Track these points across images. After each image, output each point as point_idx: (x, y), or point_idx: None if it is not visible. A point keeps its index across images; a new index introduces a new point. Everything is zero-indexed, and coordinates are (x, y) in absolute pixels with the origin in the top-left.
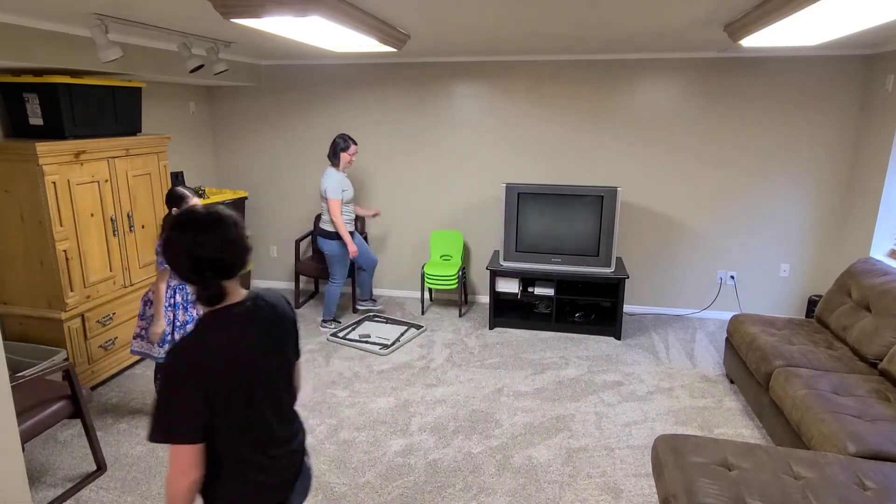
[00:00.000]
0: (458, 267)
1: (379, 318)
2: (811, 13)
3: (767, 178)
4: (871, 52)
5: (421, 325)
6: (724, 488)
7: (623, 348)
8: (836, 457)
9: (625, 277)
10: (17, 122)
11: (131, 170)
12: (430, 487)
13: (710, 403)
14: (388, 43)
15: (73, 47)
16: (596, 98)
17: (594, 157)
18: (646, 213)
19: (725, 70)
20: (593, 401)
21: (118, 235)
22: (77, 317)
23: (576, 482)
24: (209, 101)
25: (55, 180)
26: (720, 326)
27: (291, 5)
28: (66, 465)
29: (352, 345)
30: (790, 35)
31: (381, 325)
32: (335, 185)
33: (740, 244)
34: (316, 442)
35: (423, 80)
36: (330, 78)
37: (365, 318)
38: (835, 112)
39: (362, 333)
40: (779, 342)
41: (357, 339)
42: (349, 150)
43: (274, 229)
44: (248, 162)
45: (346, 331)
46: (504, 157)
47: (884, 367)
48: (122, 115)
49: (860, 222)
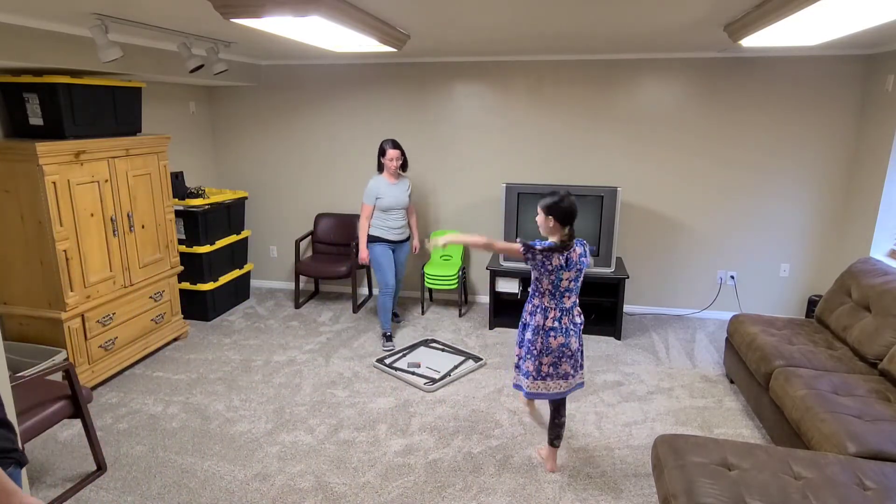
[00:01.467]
0: (457, 267)
1: (436, 344)
2: (811, 13)
3: (767, 177)
4: (871, 52)
5: (480, 358)
6: (724, 488)
7: (623, 348)
8: (836, 457)
9: (625, 277)
10: (17, 122)
11: (131, 170)
12: (430, 487)
13: (710, 403)
14: (388, 43)
15: (73, 47)
16: (596, 98)
17: (594, 157)
18: (646, 213)
19: (725, 70)
20: (593, 401)
21: (118, 235)
22: (77, 317)
23: (576, 482)
24: (209, 101)
25: (55, 180)
26: (720, 326)
27: (291, 5)
28: (66, 465)
29: (396, 374)
30: (790, 35)
31: (436, 352)
32: (368, 189)
33: (740, 244)
34: (316, 442)
35: (423, 80)
36: (330, 78)
37: (421, 343)
38: (835, 112)
39: (412, 362)
40: (779, 342)
41: (405, 368)
42: (385, 154)
43: (274, 229)
44: (248, 162)
45: (396, 357)
46: (504, 157)
47: (884, 367)
48: (122, 115)
49: (860, 222)
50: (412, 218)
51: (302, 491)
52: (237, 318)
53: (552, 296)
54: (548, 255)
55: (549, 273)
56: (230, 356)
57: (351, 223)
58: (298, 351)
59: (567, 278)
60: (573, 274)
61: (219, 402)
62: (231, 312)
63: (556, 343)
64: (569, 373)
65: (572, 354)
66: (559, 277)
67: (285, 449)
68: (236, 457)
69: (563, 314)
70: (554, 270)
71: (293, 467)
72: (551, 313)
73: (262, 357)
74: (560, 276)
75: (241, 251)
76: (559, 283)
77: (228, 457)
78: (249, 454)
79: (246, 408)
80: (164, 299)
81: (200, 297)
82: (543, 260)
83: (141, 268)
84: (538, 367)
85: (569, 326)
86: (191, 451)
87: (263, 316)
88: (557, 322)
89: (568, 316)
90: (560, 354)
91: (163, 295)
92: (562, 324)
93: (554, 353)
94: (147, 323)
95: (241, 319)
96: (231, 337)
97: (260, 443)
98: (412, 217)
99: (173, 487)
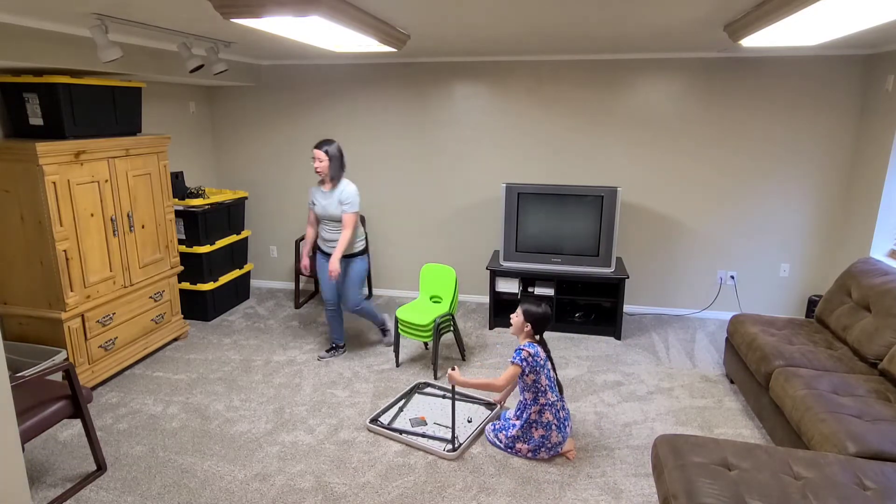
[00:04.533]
0: (439, 314)
1: (432, 388)
2: (811, 13)
3: (767, 177)
4: (871, 52)
5: (494, 406)
6: (724, 488)
7: (623, 348)
8: (836, 457)
9: (625, 277)
10: (17, 122)
11: (131, 170)
12: (430, 487)
13: (710, 403)
14: (388, 43)
15: (73, 47)
16: (596, 98)
17: (594, 157)
18: (646, 213)
19: (725, 70)
20: (593, 401)
21: (118, 235)
22: (77, 317)
23: (576, 482)
24: (209, 101)
25: (55, 180)
26: (720, 326)
27: (291, 5)
28: (66, 465)
29: (403, 440)
30: (790, 35)
31: (436, 400)
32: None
33: (740, 244)
34: (316, 442)
35: (423, 80)
36: (330, 78)
37: (415, 389)
38: (835, 112)
39: (414, 419)
40: (779, 342)
41: (409, 429)
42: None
43: (274, 229)
44: (248, 162)
45: (391, 413)
46: (504, 157)
47: (884, 367)
48: (122, 115)
49: (860, 222)
50: (344, 232)
51: (302, 491)
52: (237, 318)
53: (552, 390)
54: (537, 353)
55: (543, 368)
56: (230, 356)
57: None
58: (298, 351)
59: (549, 369)
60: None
61: (219, 402)
62: (231, 312)
63: (555, 439)
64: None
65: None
66: (548, 369)
67: (285, 449)
68: (236, 457)
69: (563, 408)
70: (545, 364)
71: (293, 467)
72: (556, 410)
73: (262, 357)
74: (547, 368)
75: (241, 251)
76: (549, 375)
77: (228, 457)
78: (249, 454)
79: (246, 408)
80: (164, 299)
81: (200, 297)
82: (537, 357)
83: (141, 268)
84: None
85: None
86: (191, 451)
87: (263, 316)
88: (557, 419)
89: (564, 410)
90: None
91: (163, 295)
92: (559, 418)
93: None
94: (147, 323)
95: (241, 319)
96: (231, 337)
97: (260, 443)
98: (344, 231)
99: (173, 487)
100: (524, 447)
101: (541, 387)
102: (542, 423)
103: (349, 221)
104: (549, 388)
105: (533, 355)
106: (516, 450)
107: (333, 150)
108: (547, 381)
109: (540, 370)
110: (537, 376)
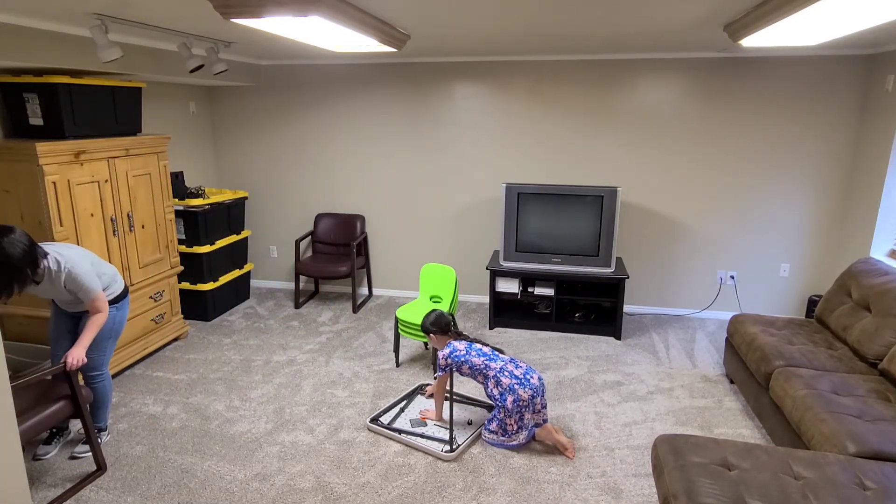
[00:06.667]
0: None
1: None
2: (811, 13)
3: (767, 177)
4: (871, 52)
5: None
6: (724, 488)
7: (623, 348)
8: (836, 457)
9: (625, 277)
10: (17, 122)
11: (131, 170)
12: (430, 487)
13: (710, 403)
14: (388, 43)
15: (73, 47)
16: (596, 98)
17: (594, 157)
18: (646, 213)
19: (725, 70)
20: (593, 401)
21: (118, 235)
22: None
23: (576, 482)
24: (209, 101)
25: (55, 180)
26: (720, 326)
27: (291, 5)
28: (66, 465)
29: (402, 440)
30: (790, 35)
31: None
32: None
33: (740, 244)
34: (316, 442)
35: (423, 80)
36: (330, 78)
37: (417, 391)
38: (835, 112)
39: (414, 419)
40: (779, 342)
41: (408, 429)
42: None
43: (274, 229)
44: (248, 162)
45: (392, 413)
46: (504, 157)
47: (884, 367)
48: (122, 115)
49: (860, 222)
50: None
51: (302, 491)
52: (237, 318)
53: (492, 360)
54: (453, 350)
55: (467, 354)
56: (230, 356)
57: (351, 223)
58: (298, 351)
59: (481, 343)
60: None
61: (219, 402)
62: (231, 312)
63: (526, 395)
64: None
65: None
66: (476, 351)
67: (285, 449)
68: (236, 457)
69: (516, 366)
70: (467, 350)
71: (293, 467)
72: (509, 371)
73: (262, 357)
74: (472, 350)
75: (241, 251)
76: (480, 352)
77: (228, 457)
78: (249, 454)
79: (246, 408)
80: (164, 299)
81: (200, 297)
82: (454, 353)
83: (141, 268)
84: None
85: (523, 375)
86: (191, 451)
87: (263, 316)
88: (515, 378)
89: (519, 368)
90: (524, 406)
91: (163, 295)
92: (516, 376)
93: (524, 405)
94: (147, 323)
95: (241, 319)
96: (231, 337)
97: (260, 443)
98: None
99: (173, 487)
100: (510, 420)
101: (478, 367)
102: (506, 388)
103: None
104: (487, 361)
105: (448, 356)
106: (508, 433)
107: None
108: (481, 358)
109: (464, 358)
110: (467, 363)
